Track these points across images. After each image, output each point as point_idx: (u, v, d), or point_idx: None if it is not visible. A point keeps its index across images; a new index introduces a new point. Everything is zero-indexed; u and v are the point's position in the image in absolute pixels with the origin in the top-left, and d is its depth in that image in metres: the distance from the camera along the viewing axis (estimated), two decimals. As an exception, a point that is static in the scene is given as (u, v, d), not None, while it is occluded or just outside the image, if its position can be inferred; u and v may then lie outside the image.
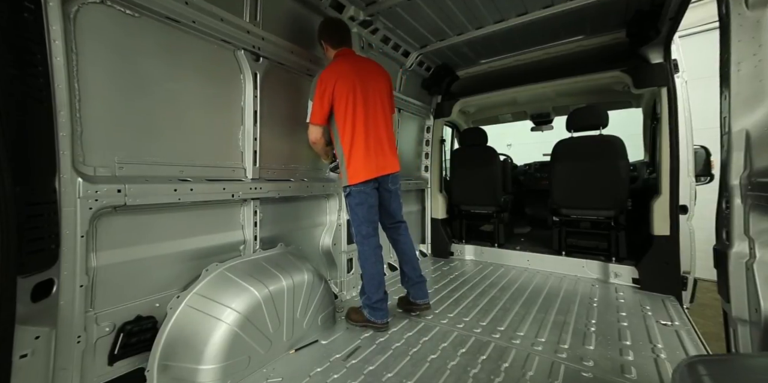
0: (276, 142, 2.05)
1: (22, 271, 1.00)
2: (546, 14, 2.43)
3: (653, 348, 1.68)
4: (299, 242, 2.26)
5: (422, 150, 3.78)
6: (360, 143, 1.88)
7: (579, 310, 2.17)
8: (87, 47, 1.23)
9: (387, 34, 2.74)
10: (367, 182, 1.89)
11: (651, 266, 2.49)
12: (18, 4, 1.00)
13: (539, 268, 3.12)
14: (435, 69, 3.48)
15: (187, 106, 1.59)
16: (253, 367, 1.49)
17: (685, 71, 2.39)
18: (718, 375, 0.61)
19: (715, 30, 1.20)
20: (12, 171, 0.92)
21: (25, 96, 1.02)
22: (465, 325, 1.98)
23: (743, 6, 1.08)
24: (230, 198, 1.71)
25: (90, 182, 1.19)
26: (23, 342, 1.03)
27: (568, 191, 2.97)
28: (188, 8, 1.49)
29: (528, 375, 1.47)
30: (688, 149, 2.33)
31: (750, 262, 1.06)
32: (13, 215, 0.90)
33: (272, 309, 1.57)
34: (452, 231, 3.82)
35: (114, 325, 1.33)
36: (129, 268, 1.38)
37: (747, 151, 1.09)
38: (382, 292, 1.92)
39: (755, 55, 1.07)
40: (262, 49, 1.86)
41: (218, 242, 1.72)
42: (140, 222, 1.41)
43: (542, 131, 4.30)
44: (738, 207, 1.11)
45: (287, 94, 2.12)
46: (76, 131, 1.21)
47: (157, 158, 1.47)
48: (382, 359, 1.62)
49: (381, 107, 2.00)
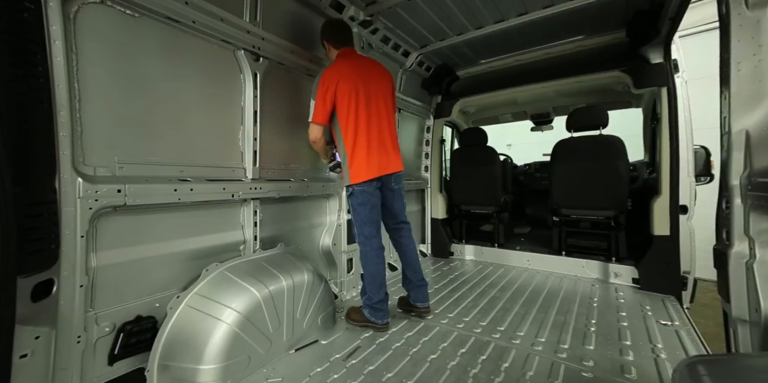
0: (276, 142, 2.05)
1: (22, 271, 1.00)
2: (546, 14, 2.43)
3: (653, 348, 1.68)
4: (299, 242, 2.26)
5: (422, 150, 3.78)
6: (363, 143, 1.88)
7: (579, 310, 2.17)
8: (87, 47, 1.23)
9: (387, 34, 2.74)
10: (370, 181, 1.88)
11: (651, 266, 2.49)
12: (18, 4, 1.00)
13: (539, 268, 3.12)
14: (435, 69, 3.48)
15: (187, 106, 1.59)
16: (253, 367, 1.49)
17: (685, 71, 2.39)
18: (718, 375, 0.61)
19: (715, 30, 1.20)
20: (12, 171, 0.92)
21: (25, 96, 1.02)
22: (465, 325, 1.98)
23: (743, 6, 1.08)
24: (230, 198, 1.71)
25: (90, 182, 1.19)
26: (23, 342, 1.03)
27: (568, 191, 2.96)
28: (188, 8, 1.49)
29: (528, 375, 1.47)
30: (688, 149, 2.33)
31: (750, 262, 1.05)
32: (13, 215, 0.90)
33: (272, 309, 1.57)
34: (452, 231, 3.82)
35: (114, 325, 1.33)
36: (129, 268, 1.38)
37: (747, 151, 1.08)
38: (383, 293, 1.92)
39: (755, 55, 1.07)
40: (262, 49, 1.86)
41: (218, 242, 1.73)
42: (140, 222, 1.41)
43: (542, 131, 4.30)
44: (738, 207, 1.11)
45: (287, 94, 2.12)
46: (76, 131, 1.21)
47: (157, 158, 1.47)
48: (382, 359, 1.62)
49: (384, 107, 2.00)
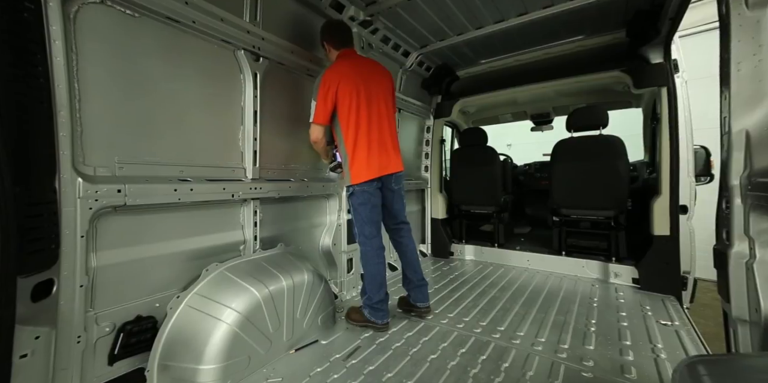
0: (276, 142, 2.05)
1: (22, 271, 1.00)
2: (546, 14, 2.43)
3: (653, 348, 1.68)
4: (299, 242, 2.26)
5: (422, 150, 3.78)
6: (363, 143, 1.88)
7: (579, 310, 2.17)
8: (87, 47, 1.23)
9: (387, 34, 2.74)
10: (371, 181, 1.89)
11: (651, 266, 2.49)
12: (18, 4, 1.00)
13: (539, 268, 3.12)
14: (435, 69, 3.48)
15: (187, 106, 1.59)
16: (253, 367, 1.49)
17: (685, 71, 2.39)
18: (718, 375, 0.61)
19: (715, 30, 1.20)
20: (12, 171, 0.92)
21: (25, 96, 1.02)
22: (465, 325, 1.98)
23: (743, 6, 1.08)
24: (230, 198, 1.71)
25: (90, 182, 1.19)
26: (23, 342, 1.03)
27: (568, 191, 2.96)
28: (188, 8, 1.49)
29: (528, 375, 1.47)
30: (688, 149, 2.33)
31: (750, 262, 1.05)
32: (13, 215, 0.90)
33: (272, 309, 1.57)
34: (452, 231, 3.82)
35: (114, 325, 1.33)
36: (129, 268, 1.38)
37: (747, 151, 1.08)
38: (383, 293, 1.92)
39: (755, 55, 1.07)
40: (262, 49, 1.86)
41: (218, 242, 1.72)
42: (140, 222, 1.41)
43: (542, 131, 4.30)
44: (738, 207, 1.11)
45: (287, 94, 2.12)
46: (76, 131, 1.21)
47: (157, 158, 1.47)
48: (382, 359, 1.62)
49: (384, 107, 2.00)
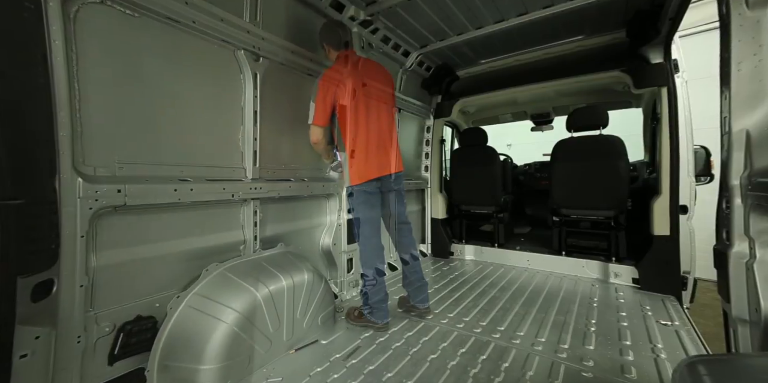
0: (276, 142, 2.05)
1: (22, 271, 1.00)
2: (546, 14, 2.43)
3: (653, 348, 1.68)
4: (299, 242, 2.26)
5: (422, 150, 3.78)
6: (363, 143, 1.89)
7: (579, 310, 2.17)
8: (87, 47, 1.23)
9: (387, 34, 2.74)
10: (370, 181, 1.89)
11: (651, 266, 2.49)
12: (18, 4, 1.00)
13: (539, 268, 3.12)
14: (435, 69, 3.48)
15: (187, 106, 1.59)
16: (253, 367, 1.49)
17: (685, 71, 2.38)
18: (718, 375, 0.61)
19: (715, 30, 1.20)
20: (12, 171, 0.92)
21: (25, 96, 1.02)
22: (465, 325, 1.98)
23: (743, 6, 1.08)
24: (230, 198, 1.71)
25: (90, 182, 1.19)
26: (23, 342, 1.03)
27: (568, 191, 2.96)
28: (188, 8, 1.49)
29: (528, 375, 1.47)
30: (688, 149, 2.33)
31: (750, 262, 1.05)
32: (13, 215, 0.90)
33: (272, 308, 1.57)
34: (452, 231, 3.82)
35: (114, 325, 1.33)
36: (129, 268, 1.38)
37: (747, 151, 1.08)
38: (383, 293, 1.93)
39: (755, 55, 1.07)
40: (262, 49, 1.86)
41: (218, 242, 1.72)
42: (140, 222, 1.41)
43: (542, 131, 4.30)
44: (738, 207, 1.10)
45: (287, 94, 2.12)
46: (76, 131, 1.20)
47: (157, 158, 1.47)
48: (382, 359, 1.62)
49: (384, 108, 2.00)
